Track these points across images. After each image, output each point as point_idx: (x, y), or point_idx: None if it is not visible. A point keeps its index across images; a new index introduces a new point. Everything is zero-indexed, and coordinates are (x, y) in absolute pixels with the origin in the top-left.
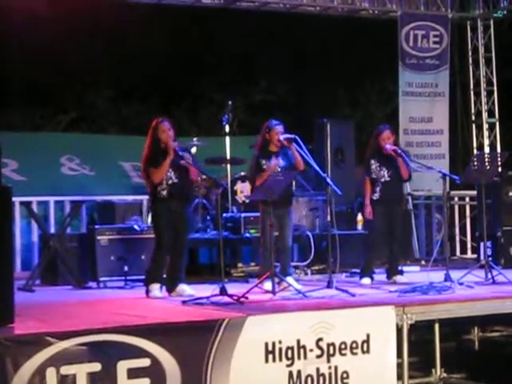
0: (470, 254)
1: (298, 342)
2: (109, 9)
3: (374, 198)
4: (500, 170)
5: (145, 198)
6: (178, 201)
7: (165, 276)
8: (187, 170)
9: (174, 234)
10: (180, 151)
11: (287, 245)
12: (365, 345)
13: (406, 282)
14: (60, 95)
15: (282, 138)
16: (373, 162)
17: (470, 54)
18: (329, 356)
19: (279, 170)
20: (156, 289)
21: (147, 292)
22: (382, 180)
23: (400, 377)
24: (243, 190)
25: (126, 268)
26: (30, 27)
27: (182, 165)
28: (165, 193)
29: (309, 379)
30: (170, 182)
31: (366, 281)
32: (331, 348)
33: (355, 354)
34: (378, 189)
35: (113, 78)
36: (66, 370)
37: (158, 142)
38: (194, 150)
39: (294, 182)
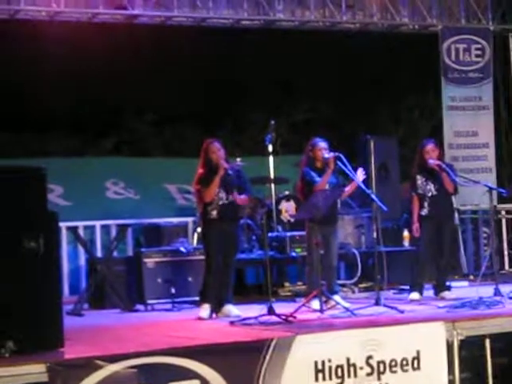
0: None
1: (348, 360)
2: (149, 32)
3: (423, 214)
4: None
5: (190, 219)
6: (228, 221)
7: None
8: (237, 190)
9: (223, 255)
10: (231, 170)
11: (333, 263)
12: (415, 361)
13: (454, 297)
14: (102, 121)
15: (326, 156)
16: (419, 177)
17: None
18: (379, 373)
19: (326, 187)
20: (205, 309)
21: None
22: (429, 194)
23: None
24: (288, 209)
25: (173, 290)
26: (71, 53)
27: (233, 185)
28: (215, 213)
29: None
30: (221, 202)
31: (415, 296)
32: (381, 365)
33: (406, 371)
34: (426, 204)
35: (154, 101)
36: None
37: (209, 162)
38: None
39: (338, 201)
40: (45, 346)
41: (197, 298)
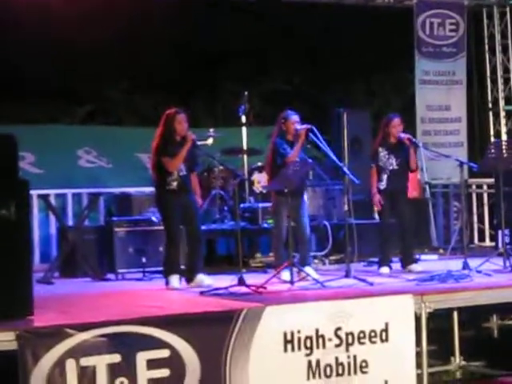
0: (488, 242)
1: (317, 331)
2: (125, 1)
3: (381, 188)
4: None
5: None
6: (187, 192)
7: (183, 266)
8: (193, 163)
9: (187, 225)
10: (197, 142)
11: (306, 235)
12: (383, 333)
13: (421, 270)
14: (76, 88)
15: (298, 127)
16: (381, 149)
17: (486, 41)
18: (347, 345)
19: (297, 160)
20: (175, 280)
21: (166, 283)
22: (390, 168)
23: (419, 365)
24: (260, 180)
25: (144, 260)
26: (44, 20)
27: (190, 158)
28: (175, 184)
29: (328, 368)
30: (181, 173)
31: (385, 270)
32: (350, 337)
33: (374, 342)
34: (384, 177)
35: (128, 70)
36: (85, 361)
37: (173, 132)
38: (210, 140)
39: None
40: (14, 314)
41: None
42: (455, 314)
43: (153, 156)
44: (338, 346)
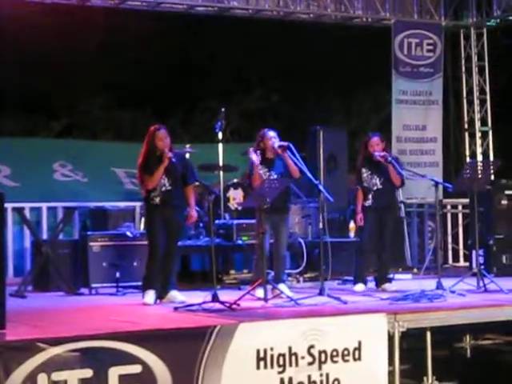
0: (462, 262)
1: (290, 349)
2: (102, 16)
3: (367, 205)
4: (492, 178)
5: (137, 204)
6: (171, 208)
7: None
8: (182, 178)
9: (165, 241)
10: (175, 158)
11: (281, 252)
12: (356, 352)
13: (395, 289)
14: (53, 102)
15: (276, 145)
16: (364, 170)
17: (463, 62)
18: (320, 363)
19: (274, 176)
20: (149, 295)
21: (143, 297)
22: (374, 188)
23: None
24: (236, 197)
25: (118, 274)
26: (23, 34)
27: (177, 173)
28: (158, 200)
29: None
30: (164, 189)
31: (360, 287)
32: (323, 355)
33: (347, 361)
34: (370, 196)
35: (106, 85)
36: (57, 376)
37: (153, 149)
38: (186, 156)
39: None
40: None
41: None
42: (428, 333)
43: (137, 173)
44: (310, 363)
